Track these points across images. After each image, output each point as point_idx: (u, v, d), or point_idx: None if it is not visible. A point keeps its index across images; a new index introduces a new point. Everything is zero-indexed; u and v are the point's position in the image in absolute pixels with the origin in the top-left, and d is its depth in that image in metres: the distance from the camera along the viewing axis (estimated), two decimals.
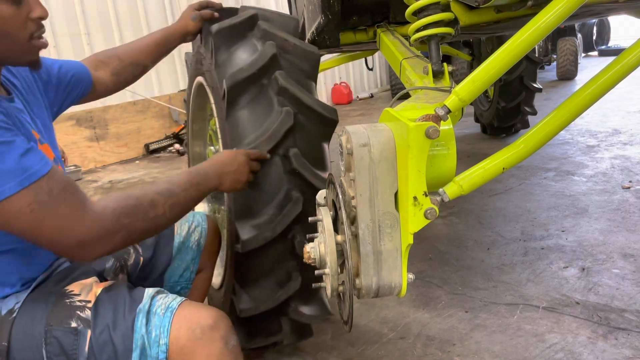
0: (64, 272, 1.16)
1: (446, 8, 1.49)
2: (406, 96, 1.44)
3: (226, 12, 1.57)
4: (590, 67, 9.66)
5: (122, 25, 6.23)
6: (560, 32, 8.54)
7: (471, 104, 2.26)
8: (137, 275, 1.38)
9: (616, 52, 8.37)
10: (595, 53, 12.07)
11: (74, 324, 1.00)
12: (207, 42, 1.53)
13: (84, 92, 1.40)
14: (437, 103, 1.12)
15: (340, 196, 1.00)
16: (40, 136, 1.13)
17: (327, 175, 1.41)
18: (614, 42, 12.97)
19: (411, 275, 1.03)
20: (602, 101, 1.28)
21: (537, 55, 4.62)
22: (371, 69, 4.59)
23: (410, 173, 0.93)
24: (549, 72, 9.49)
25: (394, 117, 1.03)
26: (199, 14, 1.57)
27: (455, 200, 1.19)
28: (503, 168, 1.13)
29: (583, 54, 11.44)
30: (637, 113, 5.16)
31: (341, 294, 1.07)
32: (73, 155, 5.55)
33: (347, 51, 3.68)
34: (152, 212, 1.05)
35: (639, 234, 2.44)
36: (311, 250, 1.07)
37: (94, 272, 1.20)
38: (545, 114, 1.20)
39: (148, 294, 1.06)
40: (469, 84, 1.03)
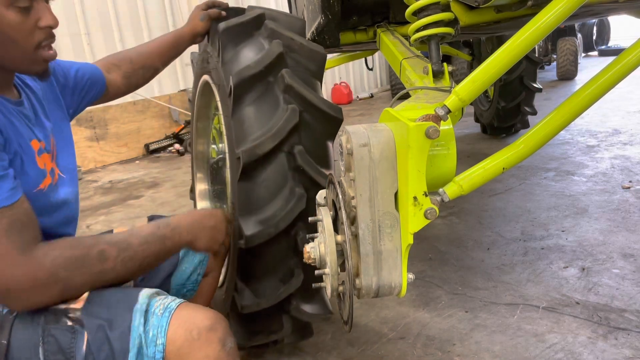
0: None
1: (446, 8, 1.49)
2: (406, 96, 1.45)
3: (233, 11, 1.59)
4: (590, 67, 9.66)
5: (122, 25, 6.23)
6: (560, 32, 8.54)
7: (471, 104, 2.26)
8: (142, 278, 1.36)
9: (616, 52, 8.36)
10: (595, 53, 12.08)
11: (69, 322, 0.99)
12: (214, 40, 1.55)
13: (98, 95, 1.41)
14: (437, 103, 1.12)
15: (340, 196, 1.00)
16: (46, 144, 1.11)
17: (330, 172, 1.42)
18: (614, 42, 12.97)
19: (411, 275, 1.03)
20: (602, 101, 1.28)
21: (537, 55, 4.63)
22: (371, 69, 4.59)
23: (410, 173, 0.93)
24: (549, 72, 9.49)
25: (394, 117, 1.03)
26: (206, 13, 1.57)
27: (455, 200, 1.19)
28: (503, 168, 1.13)
29: (583, 54, 11.45)
30: (637, 113, 5.16)
31: (341, 294, 1.07)
32: None
33: (347, 51, 3.68)
34: (99, 266, 0.98)
35: (639, 234, 2.44)
36: (311, 250, 1.07)
37: None
38: (545, 114, 1.20)
39: (145, 294, 1.04)
40: (469, 84, 1.03)
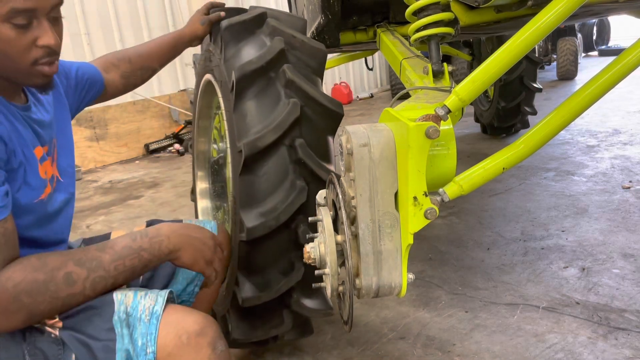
0: None
1: (446, 8, 1.49)
2: (406, 96, 1.45)
3: (234, 11, 1.61)
4: (590, 67, 9.66)
5: (122, 25, 6.23)
6: (560, 32, 8.54)
7: (471, 104, 2.26)
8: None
9: (616, 52, 8.36)
10: (596, 53, 12.07)
11: (53, 334, 0.95)
12: (217, 38, 1.57)
13: (97, 94, 1.40)
14: (437, 103, 1.12)
15: (340, 196, 1.00)
16: (49, 148, 1.10)
17: (331, 167, 1.42)
18: (614, 42, 12.97)
19: (411, 275, 1.02)
20: (602, 101, 1.28)
21: (537, 55, 4.62)
22: (371, 69, 4.59)
23: (410, 173, 0.93)
24: (549, 72, 9.49)
25: (394, 117, 1.03)
26: (207, 18, 1.58)
27: (455, 200, 1.19)
28: (503, 168, 1.13)
29: (583, 54, 11.45)
30: (637, 113, 5.16)
31: (341, 294, 1.07)
32: None
33: (347, 51, 3.68)
34: (66, 291, 0.91)
35: (639, 234, 2.44)
36: (311, 250, 1.07)
37: None
38: (545, 114, 1.20)
39: (119, 299, 0.98)
40: (469, 84, 1.03)
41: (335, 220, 1.07)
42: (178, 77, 6.88)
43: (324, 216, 1.06)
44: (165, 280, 1.34)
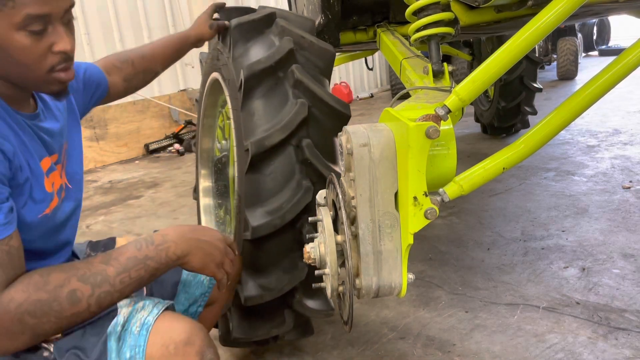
0: None
1: (446, 8, 1.49)
2: (406, 96, 1.44)
3: (242, 11, 1.62)
4: (590, 67, 9.65)
5: (122, 25, 6.23)
6: (561, 32, 8.54)
7: (471, 103, 2.26)
8: None
9: (616, 52, 8.35)
10: (596, 53, 12.07)
11: (46, 353, 0.94)
12: (226, 37, 1.58)
13: (101, 96, 1.37)
14: (437, 103, 1.12)
15: (340, 196, 1.00)
16: (58, 157, 1.07)
17: (337, 167, 1.43)
18: (614, 42, 12.97)
19: (411, 275, 1.02)
20: (602, 101, 1.28)
21: (537, 55, 4.62)
22: (371, 69, 4.60)
23: (411, 173, 0.93)
24: (549, 72, 9.49)
25: (394, 117, 1.03)
26: (215, 24, 1.57)
27: (455, 200, 1.19)
28: (503, 168, 1.13)
29: (583, 54, 11.44)
30: (637, 113, 5.16)
31: (341, 294, 1.07)
32: None
33: (347, 51, 3.68)
34: (70, 310, 0.88)
35: (639, 234, 2.44)
36: (311, 250, 1.07)
37: None
38: (546, 114, 1.20)
39: (118, 312, 0.96)
40: (469, 84, 1.03)
41: (335, 220, 1.07)
42: (178, 77, 6.88)
43: (324, 216, 1.06)
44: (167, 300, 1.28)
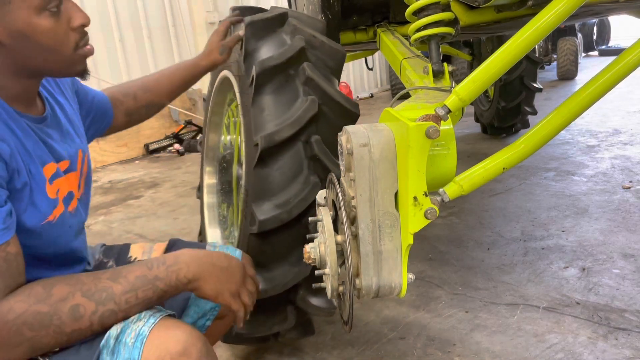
0: None
1: (446, 8, 1.48)
2: (406, 96, 1.44)
3: (255, 10, 1.64)
4: (590, 67, 9.65)
5: (122, 25, 6.22)
6: (561, 32, 8.54)
7: (471, 103, 2.26)
8: None
9: (616, 52, 8.37)
10: (596, 53, 12.06)
11: None
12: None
13: (102, 129, 1.30)
14: (437, 103, 1.12)
15: (340, 196, 1.00)
16: (70, 164, 1.04)
17: None
18: (615, 42, 12.96)
19: (411, 276, 1.02)
20: (602, 101, 1.28)
21: (537, 55, 4.62)
22: (371, 69, 4.60)
23: (411, 173, 0.93)
24: (549, 72, 9.49)
25: (394, 117, 1.03)
26: (226, 45, 1.46)
27: (455, 200, 1.19)
28: (503, 168, 1.12)
29: (583, 54, 11.44)
30: (637, 113, 5.16)
31: (341, 294, 1.07)
32: None
33: (347, 51, 3.68)
34: (71, 326, 0.84)
35: (639, 234, 2.44)
36: (311, 250, 1.07)
37: None
38: (546, 114, 1.20)
39: (110, 332, 0.91)
40: (469, 84, 1.03)
41: (335, 220, 1.07)
42: None
43: (324, 216, 1.06)
44: (177, 313, 1.24)
